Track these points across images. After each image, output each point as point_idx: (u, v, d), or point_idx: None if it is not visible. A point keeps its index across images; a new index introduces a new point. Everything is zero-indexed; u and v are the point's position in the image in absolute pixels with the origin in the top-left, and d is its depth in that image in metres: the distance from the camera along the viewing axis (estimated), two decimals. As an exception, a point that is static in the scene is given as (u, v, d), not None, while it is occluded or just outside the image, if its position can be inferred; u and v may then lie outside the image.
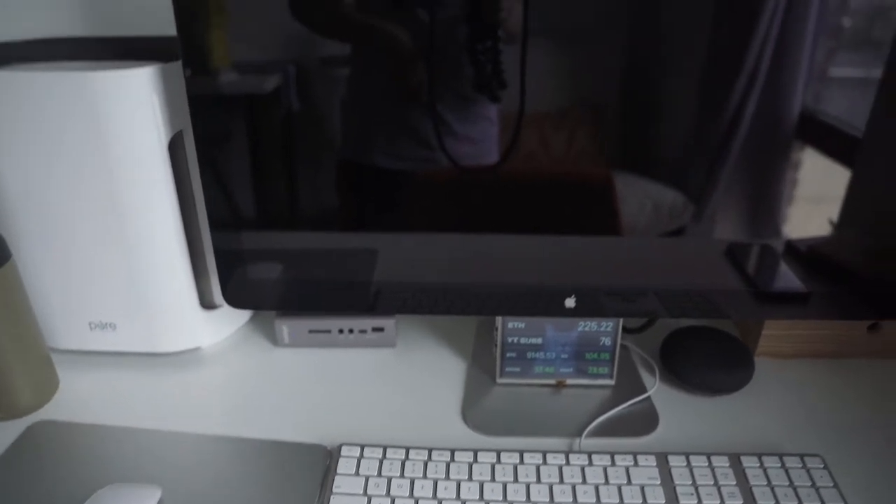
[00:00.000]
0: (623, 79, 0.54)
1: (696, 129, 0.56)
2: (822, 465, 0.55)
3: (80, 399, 0.65)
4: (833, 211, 0.59)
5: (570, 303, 0.60)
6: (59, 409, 0.63)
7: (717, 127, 0.55)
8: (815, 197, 0.59)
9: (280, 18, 0.52)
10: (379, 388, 0.67)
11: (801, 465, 0.55)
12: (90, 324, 0.67)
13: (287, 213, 0.59)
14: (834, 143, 0.56)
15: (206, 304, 0.71)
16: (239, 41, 0.53)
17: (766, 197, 0.59)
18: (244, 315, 0.76)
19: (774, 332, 0.70)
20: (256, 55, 0.53)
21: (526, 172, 0.57)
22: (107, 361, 0.70)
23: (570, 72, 0.54)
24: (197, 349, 0.72)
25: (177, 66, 0.59)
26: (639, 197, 0.59)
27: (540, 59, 0.53)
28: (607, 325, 0.64)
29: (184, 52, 0.53)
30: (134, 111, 0.57)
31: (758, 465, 0.56)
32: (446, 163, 0.57)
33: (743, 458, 0.56)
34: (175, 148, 0.62)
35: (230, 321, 0.74)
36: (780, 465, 0.55)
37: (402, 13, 0.51)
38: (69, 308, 0.66)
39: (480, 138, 0.56)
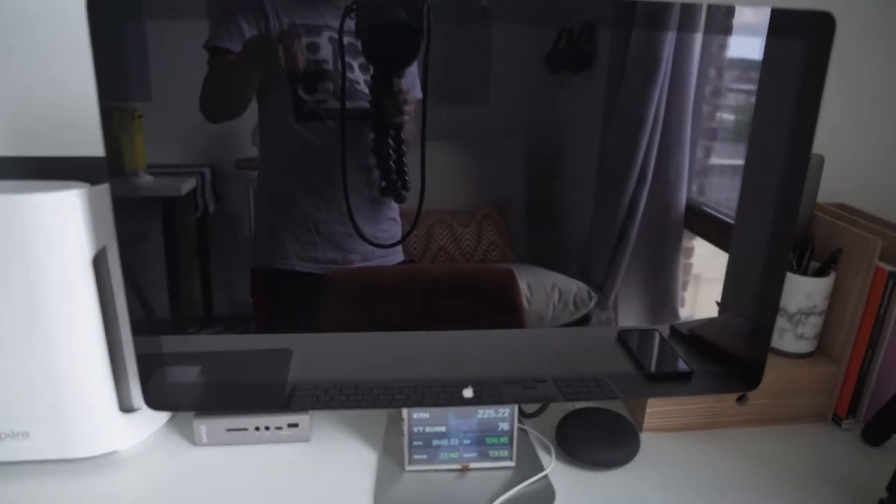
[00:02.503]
0: (524, 179, 0.62)
1: (596, 223, 0.63)
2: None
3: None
4: (718, 293, 0.67)
5: (467, 393, 0.66)
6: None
7: (614, 220, 0.63)
8: (706, 280, 0.67)
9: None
10: (296, 481, 0.70)
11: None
12: (0, 434, 0.67)
13: (205, 316, 0.64)
14: (714, 231, 0.65)
15: (125, 407, 0.72)
16: (159, 146, 0.57)
17: (661, 282, 0.67)
18: (162, 417, 0.78)
19: (657, 409, 0.79)
20: (174, 159, 0.58)
21: (433, 270, 0.64)
22: (16, 471, 0.69)
23: (474, 173, 0.61)
24: (114, 452, 0.73)
25: (102, 188, 0.64)
26: (546, 289, 0.66)
27: (444, 162, 0.59)
28: (504, 411, 0.70)
29: (109, 160, 0.57)
30: (60, 231, 0.61)
31: (639, 533, 0.62)
32: (356, 264, 0.62)
33: (626, 528, 0.62)
34: (98, 261, 0.65)
35: (148, 423, 0.76)
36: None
37: (312, 122, 0.57)
38: (-21, 420, 0.66)
39: (388, 238, 0.61)
